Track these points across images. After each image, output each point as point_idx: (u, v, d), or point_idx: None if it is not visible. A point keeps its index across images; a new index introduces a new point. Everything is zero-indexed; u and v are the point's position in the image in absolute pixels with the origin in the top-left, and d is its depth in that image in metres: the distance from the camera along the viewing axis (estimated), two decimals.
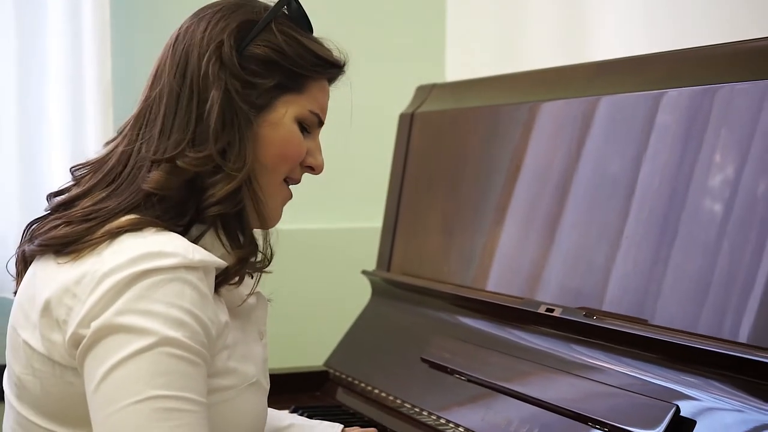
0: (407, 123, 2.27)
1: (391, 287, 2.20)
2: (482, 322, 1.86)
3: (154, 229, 1.24)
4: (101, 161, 1.34)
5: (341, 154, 2.72)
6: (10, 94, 2.48)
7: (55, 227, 1.29)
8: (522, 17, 2.75)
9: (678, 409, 1.36)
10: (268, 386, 1.41)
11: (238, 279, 1.32)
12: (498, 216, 1.92)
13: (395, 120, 2.31)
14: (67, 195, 1.34)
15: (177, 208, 1.28)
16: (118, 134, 1.36)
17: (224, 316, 1.28)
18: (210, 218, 1.29)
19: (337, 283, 2.77)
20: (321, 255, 2.93)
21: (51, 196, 1.37)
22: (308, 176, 1.43)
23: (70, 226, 1.27)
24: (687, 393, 1.38)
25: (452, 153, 2.12)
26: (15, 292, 1.35)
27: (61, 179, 1.39)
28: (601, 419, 1.45)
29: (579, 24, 2.53)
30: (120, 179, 1.30)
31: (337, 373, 2.15)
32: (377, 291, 2.27)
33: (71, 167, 1.38)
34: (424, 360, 1.90)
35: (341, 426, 1.64)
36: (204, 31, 1.32)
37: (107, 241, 1.23)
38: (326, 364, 2.21)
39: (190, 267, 1.20)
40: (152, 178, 1.27)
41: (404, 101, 2.33)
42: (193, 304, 1.19)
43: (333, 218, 3.01)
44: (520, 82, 2.04)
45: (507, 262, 1.88)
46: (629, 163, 1.63)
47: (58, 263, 1.25)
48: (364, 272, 2.29)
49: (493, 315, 1.83)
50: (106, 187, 1.30)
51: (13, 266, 1.37)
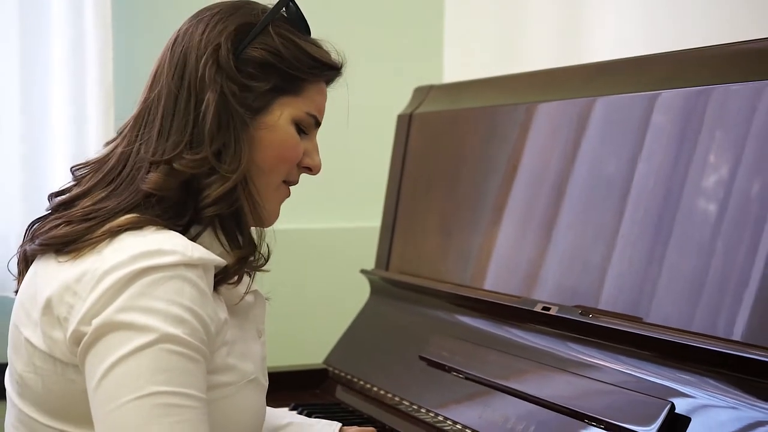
0: (405, 123, 2.26)
1: (389, 286, 2.20)
2: (480, 320, 1.86)
3: (153, 228, 1.24)
4: (101, 161, 1.35)
5: (340, 155, 2.73)
6: (14, 95, 2.48)
7: (56, 227, 1.29)
8: (520, 18, 2.74)
9: (673, 406, 1.36)
10: (266, 384, 1.41)
11: (236, 278, 1.32)
12: (495, 216, 1.92)
13: (393, 120, 2.31)
14: (68, 195, 1.34)
15: (175, 208, 1.28)
16: (118, 135, 1.36)
17: (223, 314, 1.28)
18: (207, 218, 1.30)
19: (337, 282, 2.77)
20: (321, 254, 2.93)
21: (52, 196, 1.37)
22: (308, 177, 1.43)
23: (70, 226, 1.27)
24: (682, 390, 1.38)
25: (450, 153, 2.11)
26: (16, 291, 1.35)
27: (63, 179, 1.39)
28: (597, 416, 1.45)
29: (576, 25, 2.52)
30: (119, 179, 1.30)
31: (337, 371, 2.15)
32: (376, 290, 2.26)
33: (71, 167, 1.39)
34: (422, 358, 1.90)
35: (339, 424, 1.64)
36: (202, 33, 1.33)
37: (107, 240, 1.23)
38: (326, 362, 2.21)
39: (189, 264, 1.20)
40: (150, 178, 1.27)
41: (402, 102, 2.33)
42: (193, 301, 1.19)
43: (332, 218, 3.00)
44: (518, 83, 2.04)
45: (504, 261, 1.87)
46: (625, 163, 1.63)
47: (59, 262, 1.26)
48: (363, 271, 2.28)
49: (491, 313, 1.83)
50: (106, 187, 1.30)
51: (15, 266, 1.38)
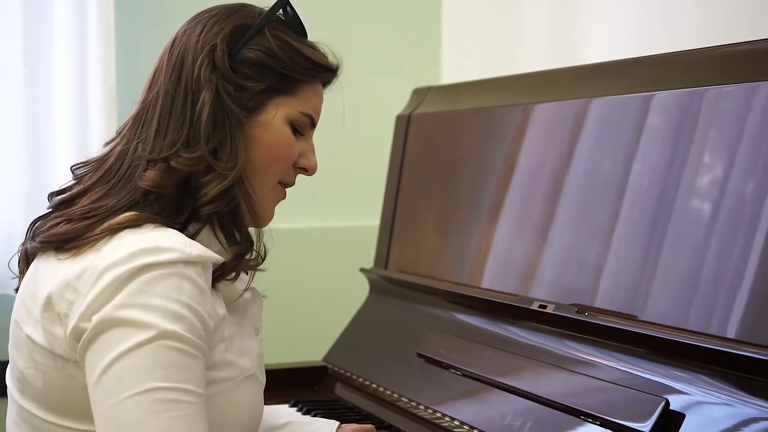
0: (404, 124, 2.26)
1: (388, 284, 2.20)
2: (477, 318, 1.87)
3: (152, 226, 1.25)
4: (101, 160, 1.36)
5: (341, 155, 2.75)
6: (17, 96, 2.50)
7: (56, 225, 1.30)
8: (516, 21, 2.75)
9: (668, 403, 1.37)
10: (264, 380, 1.42)
11: (234, 275, 1.33)
12: (493, 215, 1.92)
13: (392, 121, 2.31)
14: (68, 194, 1.35)
15: (174, 205, 1.29)
16: (117, 135, 1.38)
17: (222, 310, 1.29)
18: (205, 216, 1.31)
19: (336, 281, 2.76)
20: (321, 253, 2.93)
21: (52, 195, 1.38)
22: (310, 177, 1.44)
23: (70, 224, 1.28)
24: (676, 387, 1.39)
25: (448, 154, 2.12)
26: (17, 290, 1.36)
27: (66, 179, 1.40)
28: (592, 413, 1.46)
29: (571, 28, 2.52)
30: (117, 177, 1.31)
31: (336, 368, 2.15)
32: (375, 288, 2.27)
33: (71, 166, 1.40)
34: (420, 355, 1.90)
35: (337, 423, 1.65)
36: (199, 35, 1.34)
37: (107, 238, 1.24)
38: (325, 359, 2.21)
39: (188, 262, 1.21)
40: (148, 176, 1.28)
41: (401, 103, 2.34)
42: (191, 298, 1.20)
43: (332, 217, 3.01)
44: (514, 85, 2.04)
45: (501, 259, 1.88)
46: (620, 163, 1.63)
47: (59, 259, 1.27)
48: (362, 270, 2.29)
49: (488, 311, 1.84)
50: (105, 185, 1.31)
51: (16, 264, 1.39)
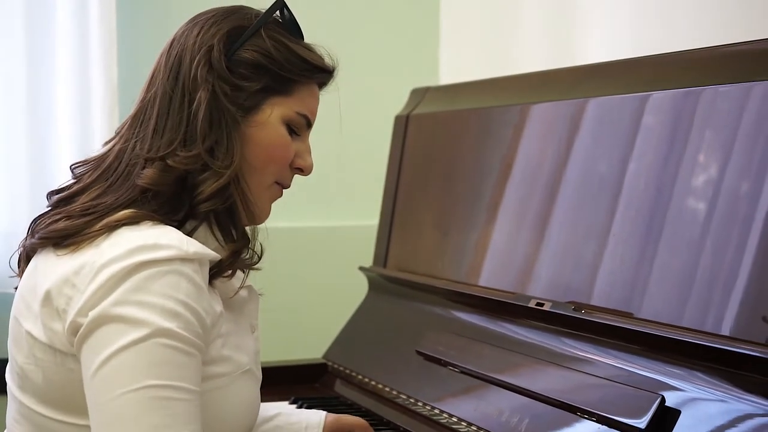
0: (403, 124, 2.27)
1: (387, 283, 2.21)
2: (475, 316, 1.87)
3: (150, 223, 1.27)
4: (100, 159, 1.37)
5: (340, 155, 2.75)
6: (20, 96, 2.51)
7: (55, 221, 1.31)
8: (514, 22, 2.75)
9: (663, 399, 1.37)
10: (260, 377, 1.43)
11: (231, 272, 1.35)
12: (490, 214, 1.92)
13: (391, 121, 2.32)
14: (67, 191, 1.36)
15: (171, 203, 1.31)
16: (116, 134, 1.39)
17: (219, 307, 1.30)
18: (202, 213, 1.32)
19: (336, 279, 2.76)
20: (320, 252, 2.94)
21: (51, 194, 1.39)
22: (311, 177, 1.45)
23: (69, 220, 1.29)
24: (672, 384, 1.39)
25: (446, 153, 2.12)
26: (16, 287, 1.37)
27: (68, 178, 1.41)
28: (589, 409, 1.46)
29: (567, 29, 2.53)
30: (115, 175, 1.33)
31: (336, 366, 2.16)
32: (374, 286, 2.27)
33: (71, 165, 1.41)
34: (419, 353, 1.91)
35: (325, 413, 1.66)
36: (197, 36, 1.35)
37: (105, 234, 1.25)
38: (325, 356, 2.22)
39: (185, 259, 1.22)
40: (146, 174, 1.29)
41: (400, 103, 2.34)
42: (188, 295, 1.21)
43: (332, 216, 3.01)
44: (512, 85, 2.05)
45: (499, 258, 1.88)
46: (616, 163, 1.64)
47: (58, 255, 1.28)
48: (361, 268, 2.29)
49: (486, 309, 1.84)
50: (104, 183, 1.33)
51: (16, 262, 1.40)
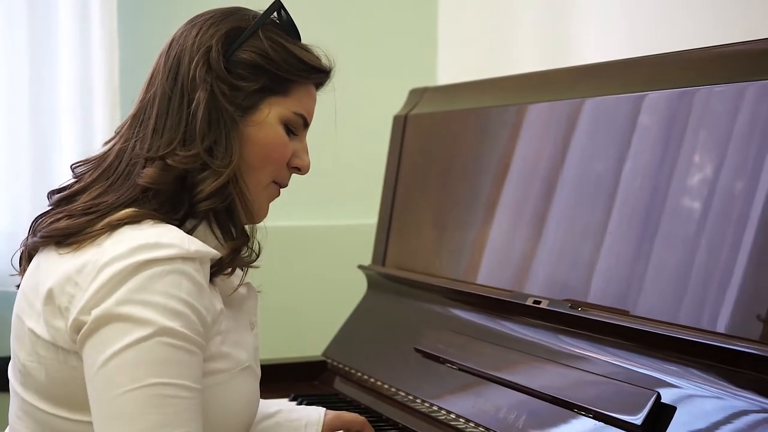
0: (401, 124, 2.27)
1: (386, 281, 2.22)
2: (473, 313, 1.88)
3: (151, 222, 1.27)
4: (100, 158, 1.38)
5: (339, 155, 2.75)
6: (23, 96, 2.52)
7: (57, 220, 1.32)
8: (510, 23, 2.76)
9: (659, 396, 1.38)
10: (259, 373, 1.44)
11: (231, 270, 1.36)
12: (488, 213, 1.93)
13: (389, 121, 2.33)
14: (68, 191, 1.37)
15: (171, 202, 1.32)
16: (116, 134, 1.40)
17: (219, 304, 1.31)
18: (202, 212, 1.33)
19: (335, 278, 2.77)
20: (320, 250, 2.95)
21: (52, 193, 1.40)
22: (310, 176, 1.46)
23: (71, 219, 1.30)
24: (667, 380, 1.40)
25: (444, 153, 2.13)
26: (18, 286, 1.38)
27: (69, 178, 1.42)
28: (586, 406, 1.47)
29: (564, 30, 2.54)
30: (116, 174, 1.34)
31: (335, 363, 2.17)
32: (373, 285, 2.28)
33: (71, 164, 1.42)
34: (417, 350, 1.92)
35: (324, 409, 1.66)
36: (195, 37, 1.37)
37: (107, 233, 1.26)
38: (324, 354, 2.23)
39: (186, 258, 1.23)
40: (146, 173, 1.31)
41: (398, 103, 2.35)
42: (190, 294, 1.22)
43: (332, 215, 3.02)
44: (509, 85, 2.05)
45: (496, 256, 1.89)
46: (612, 162, 1.65)
47: (60, 254, 1.29)
48: (360, 267, 2.30)
49: (484, 307, 1.85)
50: (104, 182, 1.34)
51: (18, 261, 1.41)
